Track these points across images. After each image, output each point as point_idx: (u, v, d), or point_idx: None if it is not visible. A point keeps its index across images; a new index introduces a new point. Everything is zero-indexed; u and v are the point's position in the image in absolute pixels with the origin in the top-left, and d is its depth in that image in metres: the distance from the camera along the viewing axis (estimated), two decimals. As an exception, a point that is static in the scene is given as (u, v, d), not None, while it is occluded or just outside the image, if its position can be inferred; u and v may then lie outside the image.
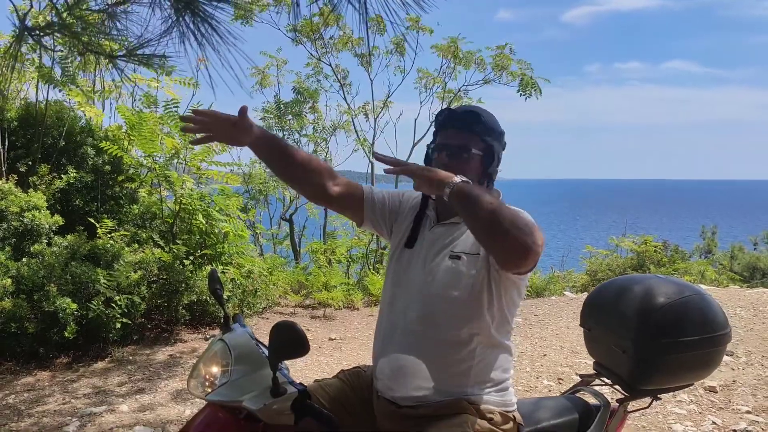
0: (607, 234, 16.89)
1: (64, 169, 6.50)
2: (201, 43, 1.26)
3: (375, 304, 7.93)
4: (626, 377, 2.22)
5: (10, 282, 5.13)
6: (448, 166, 1.95)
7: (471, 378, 1.98)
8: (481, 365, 1.98)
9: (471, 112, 2.06)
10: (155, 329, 6.20)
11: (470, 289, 1.94)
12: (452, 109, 2.11)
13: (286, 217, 11.04)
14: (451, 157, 2.01)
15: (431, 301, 1.97)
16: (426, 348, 1.97)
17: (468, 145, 2.01)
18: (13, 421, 4.14)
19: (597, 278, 10.42)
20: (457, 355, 1.96)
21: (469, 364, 1.97)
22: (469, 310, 1.95)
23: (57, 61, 6.77)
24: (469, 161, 2.01)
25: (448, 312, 1.96)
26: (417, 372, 1.97)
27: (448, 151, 2.02)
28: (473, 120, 2.04)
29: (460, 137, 2.02)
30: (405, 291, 2.05)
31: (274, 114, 9.69)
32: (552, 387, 4.87)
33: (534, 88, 10.01)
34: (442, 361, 1.97)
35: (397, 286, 2.10)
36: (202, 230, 6.80)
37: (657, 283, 2.24)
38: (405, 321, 2.01)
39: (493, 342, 2.00)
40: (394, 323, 2.06)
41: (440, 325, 1.96)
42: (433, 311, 1.97)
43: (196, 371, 1.92)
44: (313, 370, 5.23)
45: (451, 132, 2.05)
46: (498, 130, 2.08)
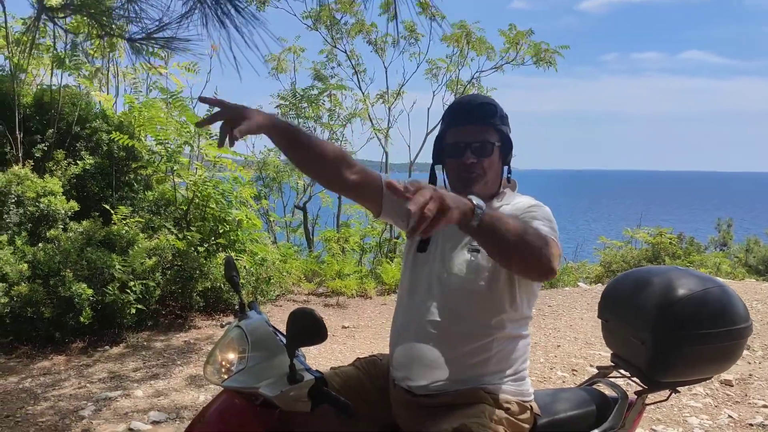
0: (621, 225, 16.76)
1: (79, 154, 6.53)
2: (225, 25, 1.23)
3: (388, 293, 7.93)
4: (644, 369, 2.19)
5: (26, 267, 5.17)
6: (476, 165, 1.95)
7: (489, 368, 1.96)
8: (500, 356, 1.97)
9: (487, 104, 2.01)
10: (170, 315, 6.24)
11: (490, 283, 1.92)
12: (466, 103, 2.05)
13: (299, 205, 11.04)
14: (476, 155, 1.96)
15: (451, 294, 1.96)
16: (444, 339, 1.96)
17: (491, 139, 1.98)
18: (30, 405, 4.18)
19: (611, 269, 10.36)
20: (475, 346, 1.94)
21: (487, 355, 1.95)
22: (489, 303, 1.94)
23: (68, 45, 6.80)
24: (492, 155, 1.98)
25: (468, 305, 1.94)
26: (434, 362, 1.95)
27: (473, 150, 1.96)
28: (490, 112, 1.99)
29: (481, 132, 1.97)
30: (423, 282, 2.03)
31: (289, 101, 9.66)
32: (566, 378, 4.84)
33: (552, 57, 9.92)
34: (460, 352, 1.95)
35: (414, 276, 2.08)
36: (215, 217, 6.82)
37: (677, 275, 2.21)
38: (423, 312, 1.99)
39: (512, 333, 1.98)
40: (412, 314, 2.04)
41: (460, 318, 1.95)
42: (453, 304, 1.95)
43: (212, 357, 1.91)
44: (326, 358, 5.24)
45: (468, 127, 1.98)
46: (506, 115, 2.05)
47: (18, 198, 5.72)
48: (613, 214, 52.05)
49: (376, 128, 10.73)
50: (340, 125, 10.16)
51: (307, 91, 9.71)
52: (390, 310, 7.06)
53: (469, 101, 2.06)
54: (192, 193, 6.73)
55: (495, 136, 1.99)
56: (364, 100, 10.57)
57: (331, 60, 10.59)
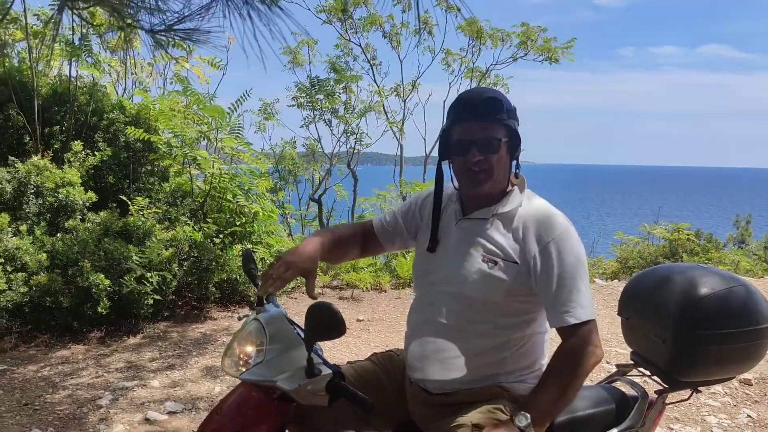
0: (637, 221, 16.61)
1: (97, 146, 6.57)
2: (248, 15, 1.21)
3: (402, 286, 7.91)
4: (665, 368, 2.16)
5: (45, 257, 5.22)
6: (482, 162, 1.90)
7: (506, 366, 1.95)
8: (517, 353, 1.95)
9: (492, 99, 1.92)
10: (186, 306, 6.27)
11: (507, 295, 1.89)
12: (471, 98, 1.96)
13: (315, 197, 11.05)
14: (483, 152, 1.90)
15: (465, 301, 1.92)
16: (459, 340, 1.94)
17: (497, 135, 1.91)
18: (48, 393, 4.22)
19: (628, 266, 10.28)
20: (491, 345, 1.93)
21: (504, 354, 1.93)
22: (505, 312, 1.92)
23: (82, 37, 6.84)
24: (500, 152, 1.92)
25: (484, 312, 1.92)
26: (449, 360, 1.94)
27: (478, 147, 1.90)
28: (497, 108, 1.91)
29: (486, 129, 1.91)
30: (437, 284, 2.01)
31: (306, 92, 9.65)
32: (582, 374, 4.81)
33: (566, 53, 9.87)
34: (475, 351, 1.93)
35: (427, 277, 2.06)
36: (232, 209, 6.84)
37: (700, 273, 2.17)
38: (437, 313, 1.97)
39: (530, 331, 1.96)
40: (426, 314, 2.02)
41: (474, 323, 1.92)
42: (467, 311, 1.92)
43: (230, 350, 1.91)
44: (341, 351, 5.25)
45: (473, 125, 1.91)
46: (513, 108, 1.97)
47: (37, 188, 5.77)
48: (629, 209, 51.67)
49: (391, 121, 10.70)
50: (356, 118, 10.13)
51: (323, 83, 9.70)
52: (404, 303, 7.05)
53: (475, 96, 1.97)
54: (209, 185, 6.76)
55: (502, 132, 1.92)
56: (379, 92, 10.54)
57: (347, 54, 10.56)
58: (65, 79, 7.00)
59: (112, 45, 7.23)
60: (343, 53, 10.60)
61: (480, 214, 1.98)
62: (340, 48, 10.57)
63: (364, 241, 2.25)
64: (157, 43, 1.45)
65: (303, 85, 9.79)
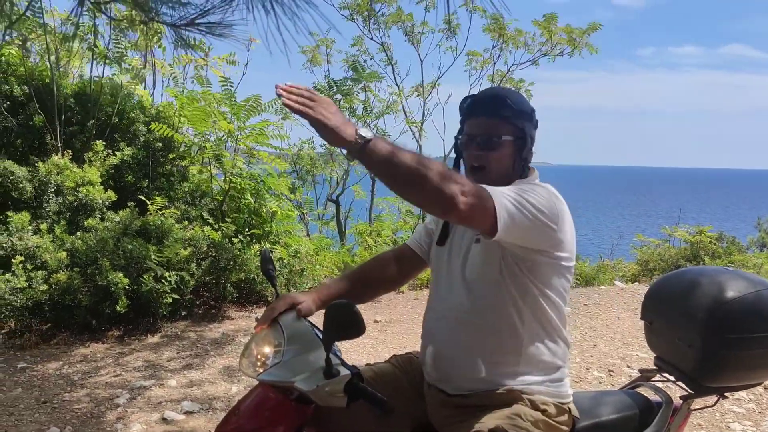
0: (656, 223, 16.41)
1: (117, 145, 6.61)
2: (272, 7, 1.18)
3: (420, 287, 7.88)
4: (691, 373, 2.11)
5: (65, 255, 5.25)
6: (480, 157, 1.91)
7: (522, 367, 1.91)
8: (532, 353, 1.90)
9: (496, 96, 1.96)
10: (203, 306, 6.29)
11: (499, 270, 1.86)
12: (476, 96, 2.00)
13: (332, 198, 11.05)
14: (481, 147, 1.91)
15: (469, 287, 1.92)
16: (472, 336, 1.92)
17: (497, 132, 1.91)
18: (67, 391, 4.25)
19: (648, 268, 10.14)
20: (503, 342, 1.90)
21: (517, 352, 1.90)
22: (507, 293, 1.88)
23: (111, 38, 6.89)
24: (501, 148, 1.91)
25: (487, 296, 1.89)
26: (465, 361, 1.92)
27: (477, 142, 1.92)
28: (500, 105, 1.92)
29: (488, 125, 1.92)
30: (447, 278, 2.01)
31: (325, 92, 9.65)
32: (602, 379, 4.75)
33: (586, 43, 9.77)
34: (489, 349, 1.90)
35: (439, 272, 2.07)
36: (250, 209, 6.85)
37: (727, 276, 2.12)
38: (448, 309, 1.97)
39: (541, 329, 1.92)
40: (439, 312, 2.02)
41: (482, 311, 1.90)
42: (476, 296, 1.91)
43: (248, 351, 1.89)
44: (358, 352, 5.22)
45: (478, 120, 1.94)
46: (527, 110, 1.96)
47: (57, 187, 5.82)
48: (648, 211, 51.16)
49: (410, 121, 10.67)
50: (374, 118, 10.12)
51: (342, 83, 9.69)
52: (422, 305, 6.99)
53: (482, 94, 2.02)
54: (228, 184, 6.77)
55: (506, 130, 1.91)
56: (399, 93, 10.51)
57: (364, 52, 10.54)
58: (87, 79, 7.05)
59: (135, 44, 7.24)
60: (361, 51, 10.58)
61: None
62: (357, 47, 10.54)
63: (402, 264, 2.25)
64: (180, 37, 1.43)
65: (321, 85, 9.79)
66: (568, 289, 1.97)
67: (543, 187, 1.86)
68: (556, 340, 1.95)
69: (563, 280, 1.92)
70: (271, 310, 1.93)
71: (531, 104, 2.01)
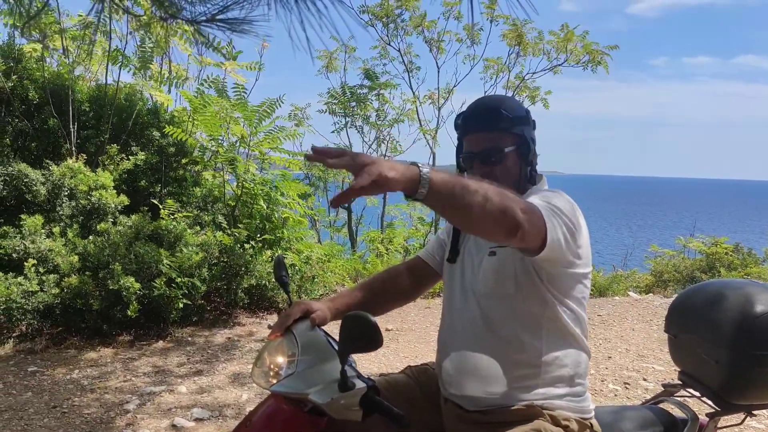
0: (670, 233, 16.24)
1: (131, 149, 6.61)
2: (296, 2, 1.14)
3: (432, 296, 7.81)
4: (718, 390, 2.04)
5: (77, 259, 5.24)
6: (486, 174, 1.84)
7: (541, 381, 1.84)
8: (552, 367, 1.84)
9: (490, 109, 1.88)
10: (214, 311, 6.26)
11: (515, 283, 1.81)
12: (470, 112, 1.93)
13: (344, 205, 11.02)
14: (484, 164, 1.87)
15: (484, 301, 1.87)
16: (489, 350, 1.86)
17: (499, 145, 1.86)
18: (77, 396, 4.21)
19: (662, 279, 10.02)
20: (522, 356, 1.83)
21: (537, 366, 1.84)
22: (523, 306, 1.82)
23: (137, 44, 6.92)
24: (505, 161, 1.87)
25: (504, 310, 1.84)
26: (482, 374, 1.86)
27: (479, 159, 1.87)
28: (495, 117, 1.86)
29: (488, 139, 1.87)
30: (460, 293, 1.96)
31: (339, 99, 9.63)
32: (618, 391, 4.66)
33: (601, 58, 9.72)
34: (507, 364, 1.84)
35: (451, 287, 2.02)
36: (262, 215, 6.82)
37: (755, 290, 2.05)
38: (465, 323, 1.92)
39: (562, 340, 1.86)
40: (454, 327, 1.96)
41: (498, 325, 1.84)
42: (489, 311, 1.86)
43: (260, 360, 1.84)
44: (370, 361, 5.17)
45: (475, 137, 1.89)
46: (522, 114, 1.91)
47: (71, 191, 5.82)
48: (661, 221, 50.80)
49: (424, 129, 10.63)
50: (388, 125, 10.08)
51: (356, 89, 9.67)
52: (433, 313, 6.95)
53: (475, 108, 1.93)
54: (240, 190, 6.75)
55: (506, 140, 1.87)
56: (414, 101, 10.46)
57: (384, 56, 10.49)
58: (102, 83, 7.07)
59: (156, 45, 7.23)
60: (381, 55, 10.55)
61: None
62: (378, 49, 10.51)
63: (415, 277, 2.20)
64: (199, 33, 1.39)
65: (335, 91, 9.77)
66: (587, 295, 1.91)
67: (561, 196, 1.81)
68: (578, 350, 1.89)
69: (581, 286, 1.87)
70: (286, 317, 1.87)
71: (525, 106, 1.98)
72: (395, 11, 9.90)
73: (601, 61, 10.03)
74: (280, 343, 1.84)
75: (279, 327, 1.87)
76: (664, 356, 5.46)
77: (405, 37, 10.51)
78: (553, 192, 1.83)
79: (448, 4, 9.97)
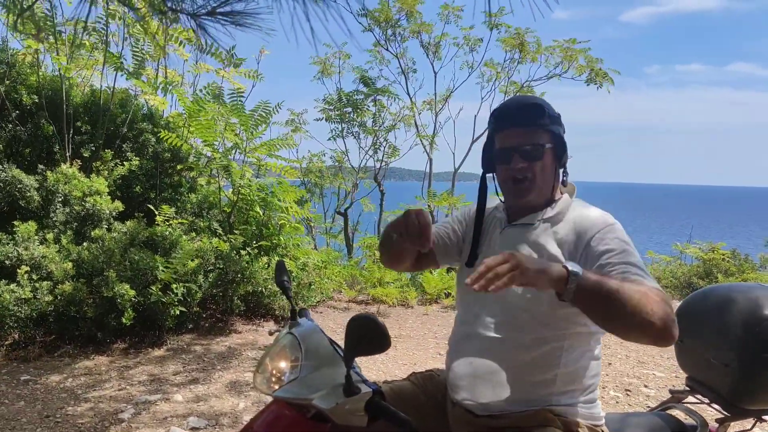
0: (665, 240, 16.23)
1: (126, 155, 6.55)
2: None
3: (429, 302, 7.77)
4: (728, 395, 2.00)
5: (71, 265, 5.17)
6: (524, 169, 1.82)
7: (556, 387, 1.80)
8: (568, 372, 1.80)
9: (534, 105, 1.86)
10: (210, 319, 6.19)
11: (551, 303, 1.74)
12: (512, 106, 1.91)
13: (341, 211, 10.97)
14: (525, 159, 1.83)
15: (510, 308, 1.81)
16: (507, 354, 1.81)
17: (540, 142, 1.84)
18: (70, 405, 4.14)
19: (660, 285, 10.01)
20: (541, 361, 1.78)
21: (554, 372, 1.79)
22: (554, 318, 1.77)
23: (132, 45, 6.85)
24: (544, 158, 1.84)
25: (530, 319, 1.79)
26: (496, 380, 1.81)
27: (521, 154, 1.83)
28: (538, 113, 1.84)
29: (529, 135, 1.84)
30: (478, 302, 1.89)
31: (335, 105, 9.59)
32: (619, 398, 4.62)
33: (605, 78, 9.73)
34: (524, 368, 1.79)
35: (466, 295, 1.96)
36: (259, 221, 6.77)
37: (763, 293, 2.02)
38: (482, 327, 1.86)
39: (582, 348, 1.82)
40: (469, 329, 1.90)
41: (522, 330, 1.79)
42: (514, 318, 1.80)
43: (262, 366, 1.79)
44: (368, 368, 5.11)
45: (515, 131, 1.85)
46: (557, 115, 1.91)
47: (65, 197, 5.75)
48: (657, 228, 50.89)
49: (422, 135, 10.60)
50: (385, 131, 10.05)
51: (352, 95, 9.63)
52: (431, 320, 6.90)
53: (515, 103, 1.92)
54: (236, 196, 6.70)
55: (545, 137, 1.85)
56: (411, 107, 10.44)
57: (381, 61, 10.47)
58: (97, 88, 7.01)
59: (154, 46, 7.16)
60: (378, 60, 10.53)
61: (526, 220, 1.91)
62: (373, 53, 10.48)
63: (419, 254, 2.10)
64: (200, 27, 1.34)
65: (331, 97, 9.73)
66: None
67: (624, 233, 1.78)
68: (593, 357, 1.85)
69: None
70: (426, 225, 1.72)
71: None
72: (395, 16, 9.88)
73: (606, 76, 10.07)
74: (282, 348, 1.79)
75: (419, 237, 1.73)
76: (665, 362, 5.43)
77: (402, 42, 10.52)
78: (626, 241, 1.75)
79: (447, 8, 9.98)
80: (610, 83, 10.02)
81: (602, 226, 1.77)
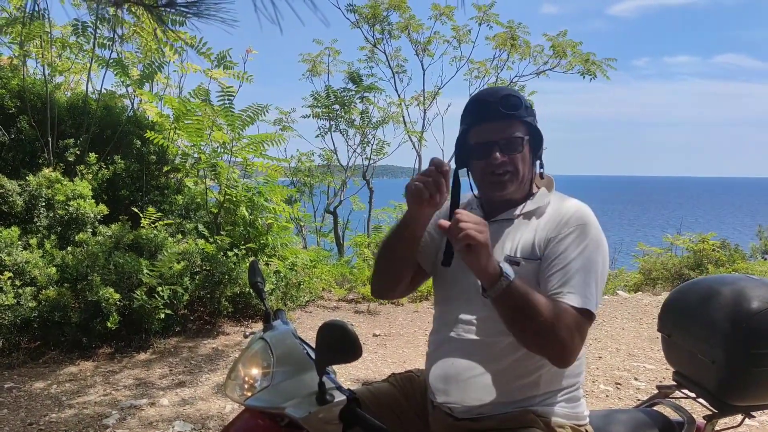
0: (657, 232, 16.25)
1: (111, 158, 6.47)
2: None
3: (419, 300, 7.72)
4: (715, 391, 1.96)
5: (54, 270, 5.10)
6: (505, 163, 1.76)
7: (539, 388, 1.76)
8: (552, 372, 1.75)
9: (509, 96, 1.79)
10: (197, 321, 6.13)
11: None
12: (485, 99, 1.81)
13: (330, 209, 10.91)
14: (506, 152, 1.77)
15: (491, 309, 1.69)
16: (486, 357, 1.76)
17: (518, 134, 1.78)
18: (54, 412, 4.08)
19: (651, 277, 9.99)
20: (524, 363, 1.74)
21: (538, 374, 1.75)
22: None
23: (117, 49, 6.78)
24: (524, 151, 1.79)
25: None
26: (478, 382, 1.76)
27: (501, 148, 1.76)
28: (514, 104, 1.78)
29: (506, 128, 1.77)
30: (458, 298, 1.84)
31: (323, 102, 9.51)
32: (609, 392, 4.59)
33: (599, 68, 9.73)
34: (507, 371, 1.75)
35: (447, 291, 1.90)
36: (246, 222, 6.70)
37: (749, 285, 1.98)
38: (459, 332, 1.81)
39: None
40: (447, 332, 1.85)
41: (503, 332, 1.71)
42: (494, 321, 1.70)
43: (234, 372, 1.74)
44: (356, 367, 5.06)
45: (492, 125, 1.78)
46: (530, 104, 1.85)
47: (48, 201, 5.67)
48: (648, 220, 51.05)
49: (410, 131, 10.55)
50: (373, 127, 9.99)
51: (340, 92, 9.57)
52: (422, 318, 6.86)
53: (490, 95, 1.82)
54: (223, 197, 6.63)
55: (523, 129, 1.79)
56: (399, 103, 10.39)
57: (371, 60, 10.42)
58: (81, 91, 6.92)
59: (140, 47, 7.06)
60: (368, 58, 10.47)
61: (504, 216, 1.85)
62: (365, 51, 10.42)
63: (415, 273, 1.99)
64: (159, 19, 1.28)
65: (319, 95, 9.67)
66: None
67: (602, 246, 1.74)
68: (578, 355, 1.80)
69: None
70: (445, 173, 1.67)
71: None
72: (383, 12, 9.81)
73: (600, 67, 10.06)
74: (254, 353, 1.74)
75: (436, 180, 1.67)
76: (655, 355, 5.40)
77: (392, 40, 10.46)
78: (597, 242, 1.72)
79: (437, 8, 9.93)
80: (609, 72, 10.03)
81: (573, 227, 1.73)
